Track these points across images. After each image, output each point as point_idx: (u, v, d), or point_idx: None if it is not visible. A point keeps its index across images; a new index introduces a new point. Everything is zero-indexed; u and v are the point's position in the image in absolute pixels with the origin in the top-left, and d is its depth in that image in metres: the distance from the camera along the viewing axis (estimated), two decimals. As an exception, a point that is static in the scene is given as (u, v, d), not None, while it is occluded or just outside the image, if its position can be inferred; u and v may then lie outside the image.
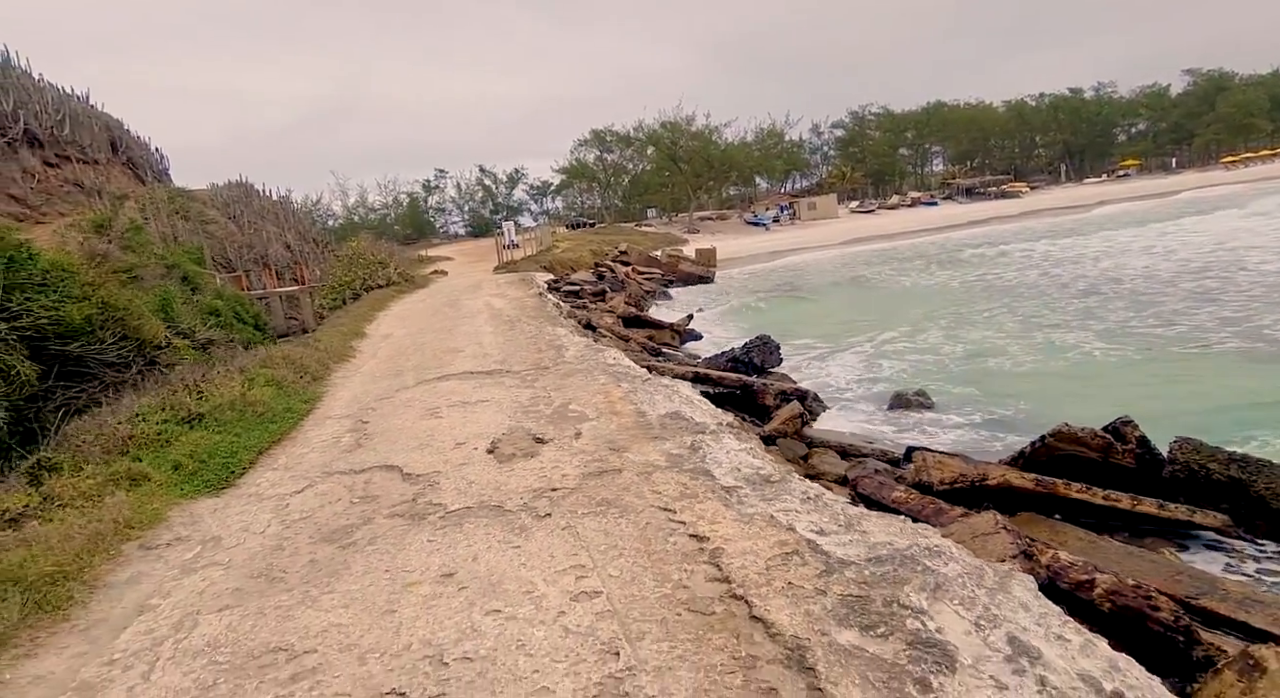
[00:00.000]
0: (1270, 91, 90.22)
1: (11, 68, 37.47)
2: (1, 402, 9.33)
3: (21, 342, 10.24)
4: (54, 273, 11.64)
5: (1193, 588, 4.65)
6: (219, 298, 23.25)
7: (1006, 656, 2.34)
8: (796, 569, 2.90)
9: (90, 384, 11.31)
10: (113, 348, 11.79)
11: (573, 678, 2.37)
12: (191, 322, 17.65)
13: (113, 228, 27.54)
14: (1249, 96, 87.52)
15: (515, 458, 4.83)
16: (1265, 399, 9.15)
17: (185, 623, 3.06)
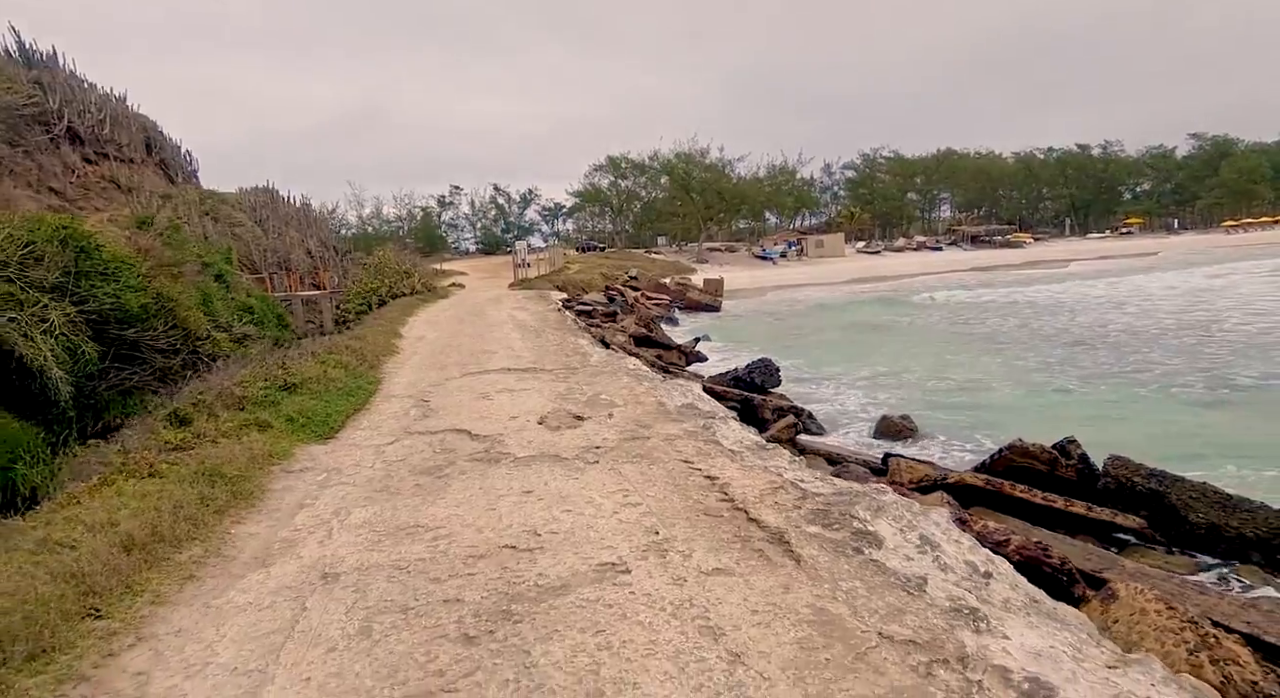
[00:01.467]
0: (1273, 160, 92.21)
1: (60, 69, 39.31)
2: (69, 377, 10.48)
3: (87, 324, 11.43)
4: (115, 264, 12.87)
5: (1099, 564, 5.82)
6: (251, 297, 24.55)
7: (916, 544, 3.52)
8: (781, 496, 4.09)
9: (141, 368, 12.45)
10: (163, 336, 12.96)
11: (627, 542, 3.55)
12: (228, 317, 18.89)
13: (154, 225, 28.94)
14: (1251, 163, 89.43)
15: (562, 428, 6.03)
16: (1196, 432, 10.36)
17: (340, 512, 4.24)
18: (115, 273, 12.51)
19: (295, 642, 2.81)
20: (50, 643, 2.66)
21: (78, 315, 11.10)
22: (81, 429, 10.62)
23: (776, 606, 2.86)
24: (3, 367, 9.99)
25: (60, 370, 10.16)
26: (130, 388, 12.04)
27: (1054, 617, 3.03)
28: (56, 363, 10.16)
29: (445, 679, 2.51)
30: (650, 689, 2.37)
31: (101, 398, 11.59)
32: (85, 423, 11.09)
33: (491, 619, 2.90)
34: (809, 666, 2.45)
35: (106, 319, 11.92)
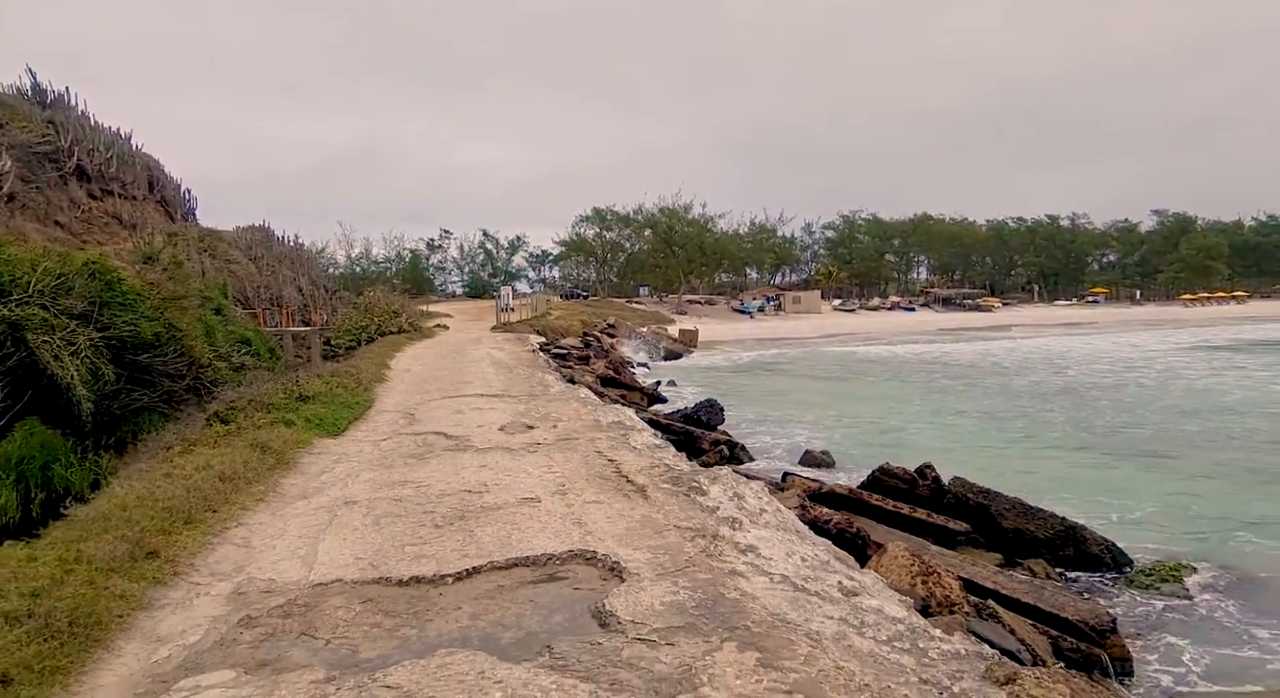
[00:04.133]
0: (1230, 238, 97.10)
1: (71, 108, 41.63)
2: (91, 395, 12.23)
3: (108, 349, 13.20)
4: (133, 295, 14.72)
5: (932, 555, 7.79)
6: (247, 330, 26.38)
7: (729, 497, 5.50)
8: (654, 471, 6.07)
9: (151, 390, 14.18)
10: (172, 362, 14.72)
11: (543, 489, 5.52)
12: (228, 347, 20.68)
13: (159, 260, 30.88)
14: (1209, 242, 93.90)
15: (515, 433, 8.00)
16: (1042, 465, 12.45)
17: (352, 474, 6.17)
18: (134, 304, 14.32)
19: (333, 527, 4.74)
20: (192, 520, 4.57)
21: (100, 341, 12.82)
22: (96, 442, 12.30)
23: (622, 513, 4.84)
24: (35, 383, 11.70)
25: (84, 389, 11.87)
26: (140, 408, 13.68)
27: (800, 535, 5.00)
28: (81, 382, 11.89)
29: (423, 541, 4.45)
30: (537, 543, 4.33)
31: (115, 415, 13.27)
32: (100, 437, 12.75)
33: (452, 520, 4.84)
34: (628, 533, 4.42)
35: (124, 345, 13.63)
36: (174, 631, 3.31)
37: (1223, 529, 8.94)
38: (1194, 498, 10.30)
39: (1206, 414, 17.53)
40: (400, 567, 4.04)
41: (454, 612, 3.51)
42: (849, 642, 3.13)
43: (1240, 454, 12.96)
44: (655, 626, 3.24)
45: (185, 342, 16.26)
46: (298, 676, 2.88)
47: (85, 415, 11.90)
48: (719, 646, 3.04)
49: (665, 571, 3.90)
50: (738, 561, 4.09)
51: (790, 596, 3.63)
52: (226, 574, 3.98)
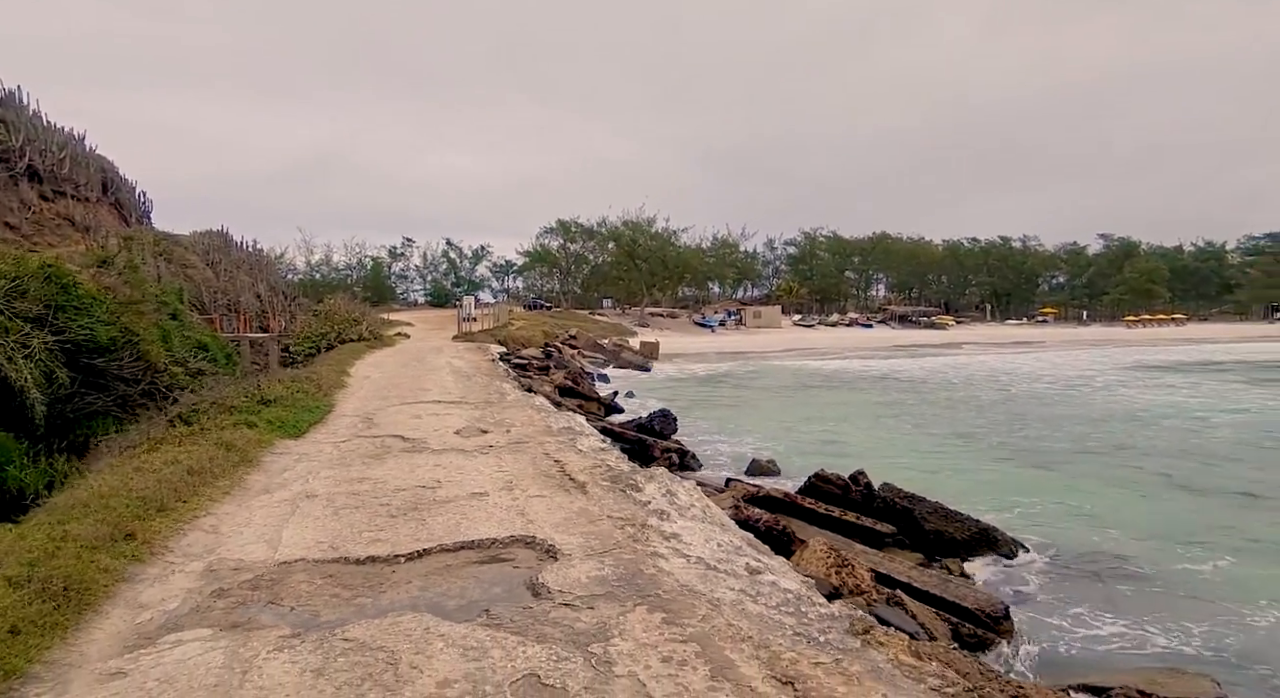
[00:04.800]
0: (1171, 263, 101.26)
1: (23, 107, 40.85)
2: (44, 398, 12.33)
3: (62, 352, 13.29)
4: (89, 299, 14.81)
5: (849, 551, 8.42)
6: (205, 335, 26.28)
7: (662, 493, 6.05)
8: (595, 471, 6.60)
9: (105, 394, 14.25)
10: (127, 366, 14.81)
11: (491, 485, 6.01)
12: (184, 353, 20.67)
13: (114, 265, 30.57)
14: (1151, 265, 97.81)
15: (469, 436, 8.47)
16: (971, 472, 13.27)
17: (313, 471, 6.58)
18: (90, 308, 14.39)
19: (296, 516, 5.18)
20: (165, 508, 4.97)
21: (55, 344, 12.87)
22: (50, 445, 12.38)
23: (562, 506, 5.37)
24: (-11, 386, 11.69)
25: (38, 392, 11.96)
26: (94, 412, 13.74)
27: (723, 527, 5.57)
28: (35, 385, 11.99)
29: (379, 528, 4.92)
30: (483, 530, 4.84)
31: (68, 419, 13.32)
32: (53, 440, 12.82)
33: (406, 511, 5.32)
34: (565, 522, 4.96)
35: (80, 348, 13.69)
36: (154, 599, 3.74)
37: (1112, 527, 9.78)
38: (1093, 500, 11.17)
39: (1123, 427, 18.66)
40: (357, 549, 4.52)
41: (405, 585, 4.00)
42: (743, 606, 3.70)
43: (1144, 463, 13.97)
44: (580, 594, 3.78)
45: (141, 346, 16.30)
46: (266, 633, 3.35)
47: (39, 418, 11.95)
48: (632, 609, 3.58)
49: (594, 552, 4.44)
50: (660, 545, 4.65)
51: (701, 572, 4.19)
52: (198, 555, 4.41)
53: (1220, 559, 8.57)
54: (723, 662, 3.05)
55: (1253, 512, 10.63)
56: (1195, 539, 9.30)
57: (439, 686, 2.84)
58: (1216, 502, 11.17)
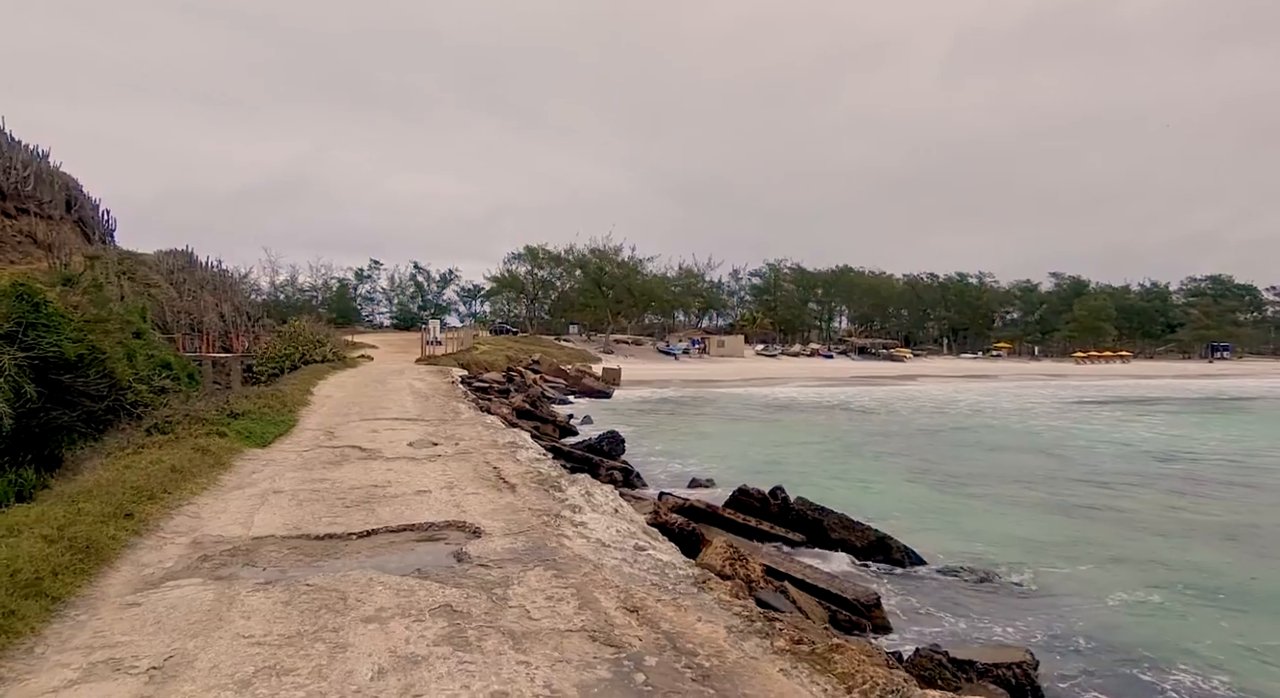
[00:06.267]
0: (1118, 302, 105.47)
1: (-12, 126, 40.98)
2: (12, 412, 12.99)
3: (31, 369, 13.95)
4: (58, 317, 15.50)
5: (749, 551, 9.53)
6: (169, 354, 26.80)
7: (582, 493, 7.13)
8: (527, 475, 7.67)
9: (71, 410, 14.88)
10: (94, 383, 15.46)
11: (435, 485, 7.05)
12: (148, 371, 21.26)
13: (79, 283, 30.94)
14: (1099, 304, 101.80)
15: (421, 448, 9.47)
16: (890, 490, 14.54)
17: (278, 474, 7.55)
18: (58, 326, 15.05)
19: (265, 506, 6.17)
20: (154, 497, 5.93)
21: (24, 360, 13.56)
22: (16, 458, 13.00)
23: (492, 501, 6.43)
24: (-41, 399, 12.30)
25: (6, 406, 12.62)
26: (60, 427, 14.34)
27: (630, 520, 6.65)
28: (3, 399, 12.64)
29: (335, 515, 5.93)
30: (423, 517, 5.88)
31: (34, 434, 13.92)
32: (20, 453, 13.42)
33: (359, 503, 6.34)
34: (493, 512, 6.02)
35: (48, 365, 14.30)
36: (153, 560, 4.71)
37: (994, 541, 11.06)
38: (984, 518, 12.51)
39: (1035, 456, 20.17)
40: (317, 529, 5.53)
41: (356, 554, 5.03)
42: (620, 569, 4.79)
43: (1041, 487, 15.38)
44: (494, 559, 4.84)
45: (108, 364, 16.95)
46: (245, 581, 4.36)
47: (6, 431, 12.58)
48: (531, 568, 4.66)
49: (511, 532, 5.51)
50: (568, 529, 5.72)
51: (595, 548, 5.28)
52: (185, 532, 5.38)
53: (1080, 566, 9.86)
54: (590, 599, 4.13)
55: (1120, 529, 12.00)
56: (1064, 552, 10.59)
57: (377, 610, 3.89)
58: (1092, 521, 12.54)
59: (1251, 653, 6.86)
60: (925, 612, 8.27)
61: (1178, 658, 6.70)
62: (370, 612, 3.87)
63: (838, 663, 3.23)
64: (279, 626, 3.67)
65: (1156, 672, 6.41)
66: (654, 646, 3.52)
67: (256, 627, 3.65)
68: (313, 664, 3.25)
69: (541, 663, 3.30)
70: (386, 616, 3.83)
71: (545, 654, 3.39)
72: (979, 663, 6.45)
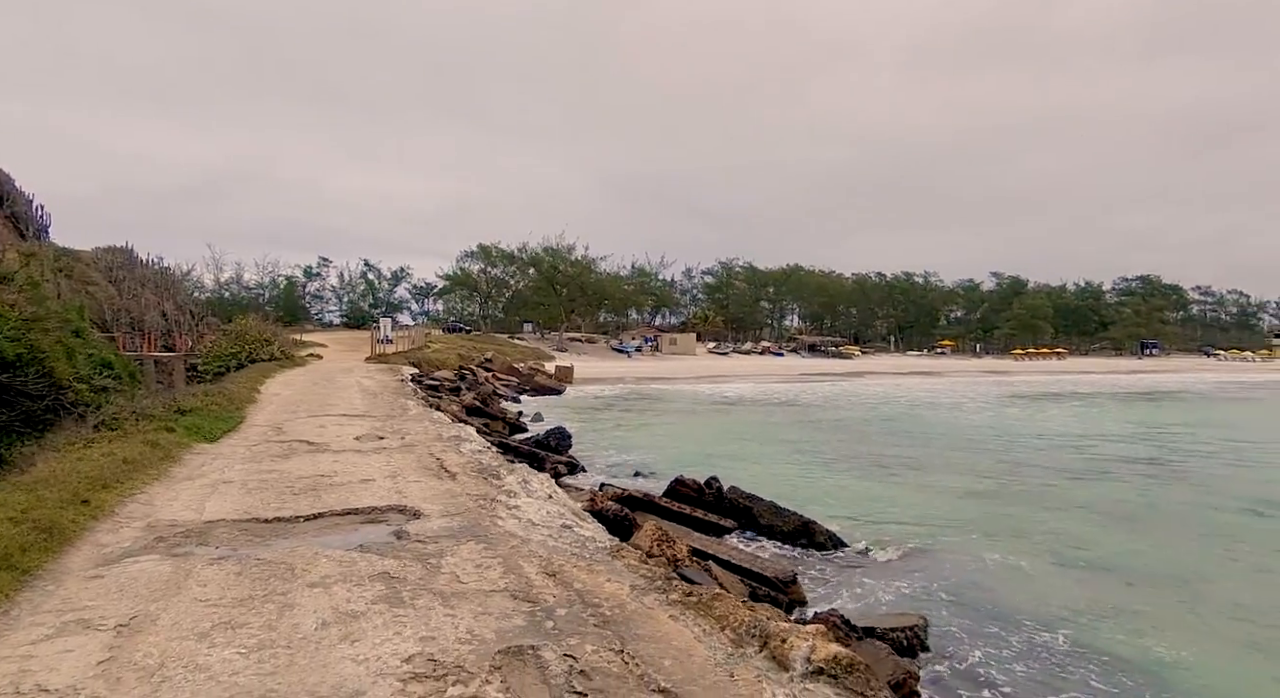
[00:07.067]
0: (1055, 301, 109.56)
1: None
2: None
3: None
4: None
5: (680, 534, 10.17)
6: (110, 353, 26.39)
7: (519, 481, 7.66)
8: (468, 465, 8.16)
9: (9, 410, 14.86)
10: (33, 383, 15.42)
11: (379, 474, 7.51)
12: (88, 370, 21.04)
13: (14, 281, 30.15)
14: (1037, 302, 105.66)
15: (368, 441, 9.89)
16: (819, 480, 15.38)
17: (229, 465, 7.90)
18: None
19: (215, 494, 6.56)
20: (108, 486, 6.28)
21: (-41, 360, 13.46)
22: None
23: (433, 487, 6.93)
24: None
25: None
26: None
27: (565, 505, 7.20)
28: None
29: (284, 501, 6.36)
30: (367, 502, 6.35)
31: (-28, 434, 13.84)
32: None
33: (306, 491, 6.77)
34: (433, 497, 6.52)
35: (-16, 364, 14.26)
36: (111, 541, 5.11)
37: (911, 521, 11.93)
38: (903, 501, 13.41)
39: (965, 446, 21.32)
40: (266, 513, 5.97)
41: (303, 534, 5.49)
42: (545, 543, 5.35)
43: (961, 474, 16.41)
44: (430, 536, 5.36)
45: (47, 363, 16.86)
46: (199, 557, 4.81)
47: (-57, 430, 12.54)
48: (464, 543, 5.19)
49: (448, 514, 6.02)
50: (502, 512, 6.26)
51: (525, 526, 5.83)
52: (140, 517, 5.76)
53: (979, 542, 10.76)
54: (514, 566, 4.69)
55: (1022, 508, 13.01)
56: (969, 529, 11.49)
57: (321, 577, 4.39)
58: (1001, 502, 13.55)
59: (1096, 612, 7.83)
60: (838, 586, 9.01)
61: (1043, 617, 7.59)
62: (315, 579, 4.36)
63: (716, 608, 3.85)
64: (232, 591, 4.14)
65: (1024, 629, 7.28)
66: (565, 600, 4.10)
67: (212, 593, 4.11)
68: (263, 620, 3.74)
69: (466, 615, 3.84)
70: (330, 582, 4.33)
71: (470, 609, 3.94)
72: (878, 628, 7.19)
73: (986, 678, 6.49)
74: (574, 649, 3.43)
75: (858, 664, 3.14)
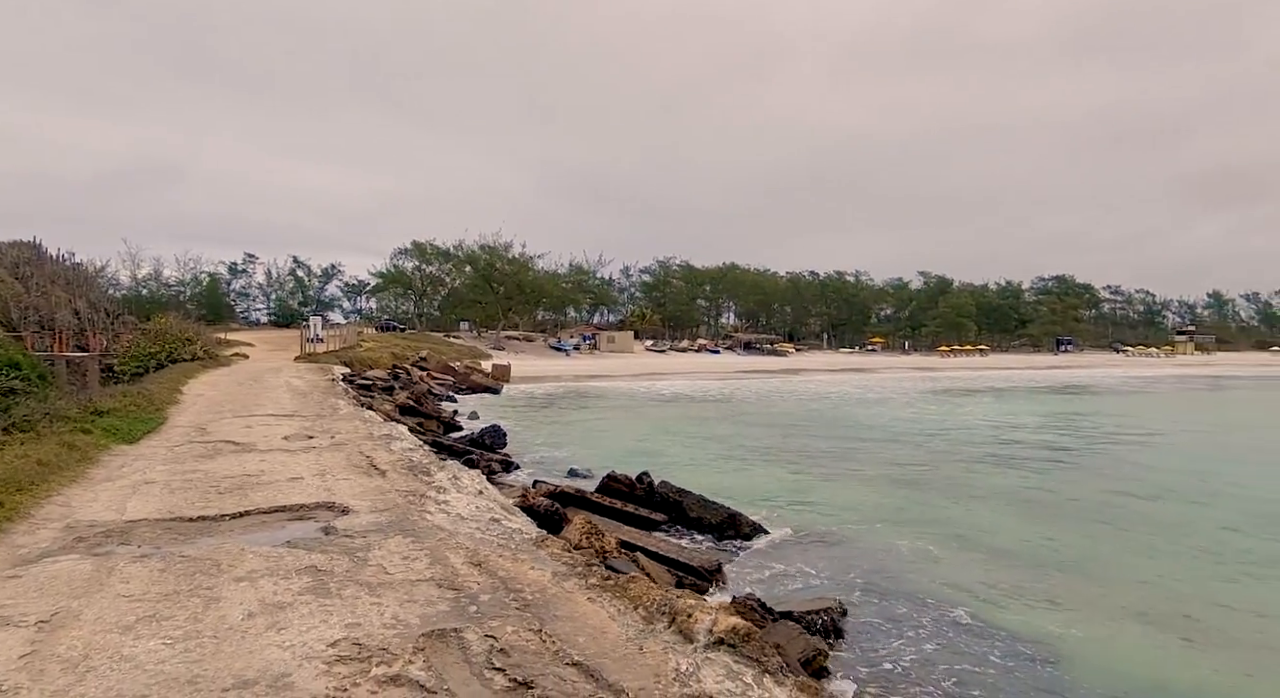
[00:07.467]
0: (978, 300, 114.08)
1: None
2: None
3: None
4: None
5: (611, 528, 10.42)
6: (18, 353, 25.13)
7: (449, 477, 7.79)
8: (398, 462, 8.24)
9: None
10: (-69, 381, 14.74)
11: (308, 473, 7.53)
12: (-10, 370, 20.05)
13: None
14: (961, 301, 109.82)
15: (297, 441, 9.82)
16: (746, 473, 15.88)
17: (149, 466, 7.78)
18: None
19: (136, 495, 6.50)
20: (23, 488, 6.15)
21: None
22: None
23: (363, 484, 7.01)
24: None
25: None
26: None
27: (495, 501, 7.37)
28: None
29: (208, 500, 6.35)
30: (295, 499, 6.39)
31: None
32: None
33: (232, 490, 6.76)
34: (362, 493, 6.61)
35: (-120, 363, 13.64)
36: (28, 542, 5.06)
37: (830, 511, 12.48)
38: (826, 491, 14.02)
39: (887, 439, 22.24)
40: (191, 512, 5.97)
41: (229, 532, 5.53)
42: (472, 536, 5.53)
43: (880, 465, 17.17)
44: (359, 531, 5.47)
45: (-52, 362, 16.12)
46: (122, 556, 4.82)
47: None
48: (392, 536, 5.33)
49: (377, 510, 6.13)
50: (431, 507, 6.40)
51: (454, 520, 5.99)
52: (58, 519, 5.69)
53: (892, 528, 11.37)
54: (441, 557, 4.86)
55: (934, 496, 13.74)
56: (884, 517, 12.11)
57: (248, 572, 4.48)
58: (915, 489, 14.29)
59: (997, 591, 8.47)
60: (761, 574, 9.40)
61: (949, 597, 8.14)
62: (242, 574, 4.45)
63: (631, 590, 4.11)
64: (157, 587, 4.20)
65: (932, 609, 7.79)
66: (489, 587, 4.30)
67: (136, 588, 4.17)
68: (189, 612, 3.83)
69: (391, 603, 4.01)
70: (257, 576, 4.42)
71: (396, 597, 4.10)
72: (795, 611, 7.59)
73: (894, 654, 6.95)
74: (495, 630, 3.64)
75: (754, 634, 3.44)
